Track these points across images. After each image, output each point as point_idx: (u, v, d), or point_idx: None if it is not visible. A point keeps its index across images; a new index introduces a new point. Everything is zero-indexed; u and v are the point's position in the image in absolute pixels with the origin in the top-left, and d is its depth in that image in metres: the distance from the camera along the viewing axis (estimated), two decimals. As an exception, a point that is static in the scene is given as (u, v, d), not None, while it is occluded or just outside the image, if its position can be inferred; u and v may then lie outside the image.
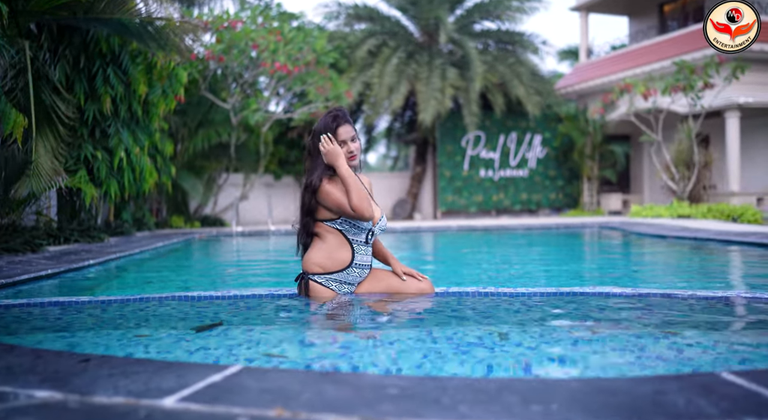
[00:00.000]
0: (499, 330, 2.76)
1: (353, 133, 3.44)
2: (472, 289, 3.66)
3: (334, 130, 3.40)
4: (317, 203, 3.40)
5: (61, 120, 7.23)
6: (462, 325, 2.92)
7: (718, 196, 15.91)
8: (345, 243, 3.46)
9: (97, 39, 8.57)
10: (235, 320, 3.12)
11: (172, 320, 3.15)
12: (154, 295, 3.66)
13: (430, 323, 2.97)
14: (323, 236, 3.46)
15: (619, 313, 3.16)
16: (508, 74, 17.51)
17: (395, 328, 2.86)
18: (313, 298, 3.42)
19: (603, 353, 2.34)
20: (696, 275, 5.29)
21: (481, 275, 5.51)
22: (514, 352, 2.38)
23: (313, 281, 3.44)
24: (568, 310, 3.21)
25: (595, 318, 3.06)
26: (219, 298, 3.64)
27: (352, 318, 3.13)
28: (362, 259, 3.51)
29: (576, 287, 3.65)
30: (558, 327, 2.82)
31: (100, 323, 3.09)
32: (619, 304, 3.32)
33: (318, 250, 3.46)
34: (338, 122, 3.42)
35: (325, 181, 3.37)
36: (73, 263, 5.68)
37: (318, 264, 3.45)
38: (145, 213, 12.25)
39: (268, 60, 13.53)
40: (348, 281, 3.49)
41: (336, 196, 3.34)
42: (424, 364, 2.18)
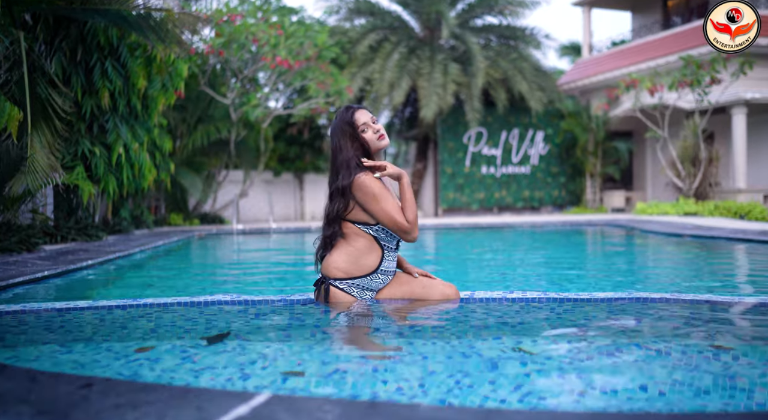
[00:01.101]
0: (530, 343, 2.53)
1: (371, 116, 3.22)
2: (498, 295, 3.43)
3: (351, 118, 3.17)
4: (356, 203, 3.12)
5: (57, 114, 6.96)
6: (490, 337, 2.69)
7: (723, 193, 15.70)
8: (375, 248, 3.20)
9: (94, 31, 8.28)
10: (247, 330, 2.88)
11: (178, 330, 2.91)
12: (158, 300, 3.42)
13: (456, 336, 2.74)
14: (350, 239, 3.20)
15: (661, 323, 2.92)
16: (510, 70, 17.27)
17: (421, 341, 2.62)
18: (332, 305, 3.18)
19: (650, 372, 2.11)
20: (728, 278, 5.07)
21: (498, 278, 5.28)
22: (549, 368, 2.16)
23: (335, 287, 3.19)
24: (604, 319, 2.98)
25: (636, 329, 2.82)
26: (228, 304, 3.40)
27: (374, 329, 2.88)
28: (389, 266, 3.27)
29: (610, 292, 3.41)
30: (594, 338, 2.59)
31: (101, 334, 2.84)
32: (660, 312, 3.09)
33: (342, 254, 3.20)
34: (352, 110, 3.20)
35: (368, 175, 3.10)
36: (71, 264, 5.43)
37: (341, 269, 3.19)
38: (144, 210, 11.99)
39: (269, 54, 13.27)
40: (371, 288, 3.25)
41: (388, 199, 3.08)
42: (454, 389, 1.96)
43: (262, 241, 10.75)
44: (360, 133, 3.17)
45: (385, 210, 3.07)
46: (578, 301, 3.33)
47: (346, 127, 3.18)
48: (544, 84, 17.84)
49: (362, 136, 3.17)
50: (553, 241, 9.64)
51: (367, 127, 3.18)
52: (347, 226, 3.18)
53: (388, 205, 3.09)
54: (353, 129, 3.17)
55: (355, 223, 3.17)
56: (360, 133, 3.17)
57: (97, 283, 5.06)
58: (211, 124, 13.90)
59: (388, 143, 3.22)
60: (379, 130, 3.19)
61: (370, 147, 3.19)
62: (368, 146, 3.18)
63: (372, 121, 3.20)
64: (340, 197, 3.15)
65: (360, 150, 3.17)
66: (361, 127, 3.17)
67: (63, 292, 4.50)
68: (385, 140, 3.20)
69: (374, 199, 3.08)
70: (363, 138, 3.17)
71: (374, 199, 3.08)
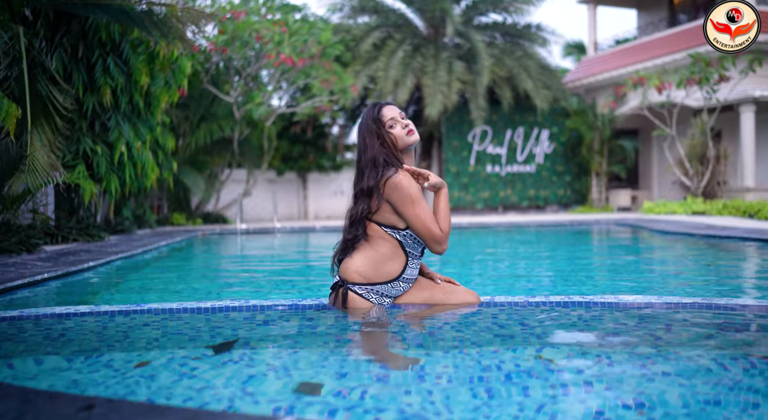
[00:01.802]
0: (555, 353, 2.37)
1: (399, 111, 3.05)
2: (521, 299, 3.26)
3: (378, 114, 3.00)
4: (389, 204, 2.93)
5: (58, 112, 6.79)
6: (512, 346, 2.53)
7: (731, 191, 15.53)
8: (399, 254, 3.02)
9: (96, 26, 8.11)
10: (256, 337, 2.72)
11: (183, 339, 2.74)
12: (162, 305, 3.26)
13: (477, 344, 2.58)
14: (374, 242, 3.01)
15: (695, 330, 2.76)
16: (515, 68, 17.11)
17: (440, 352, 2.46)
18: (349, 311, 3.01)
19: (687, 386, 1.95)
20: (755, 280, 4.90)
21: (513, 280, 5.11)
22: (575, 382, 2.00)
23: (354, 292, 3.01)
24: (634, 325, 2.81)
25: (668, 337, 2.66)
26: (235, 310, 3.24)
27: (391, 339, 2.71)
28: (411, 273, 3.09)
29: (638, 295, 3.25)
30: (624, 347, 2.43)
31: (103, 342, 2.68)
32: (693, 317, 2.93)
33: (364, 258, 3.01)
34: (379, 106, 3.04)
35: (405, 175, 2.91)
36: (72, 265, 5.27)
37: (362, 274, 3.01)
38: (146, 210, 11.84)
39: (273, 52, 13.10)
40: (390, 295, 3.09)
41: (424, 205, 2.91)
42: (480, 408, 1.81)
43: (267, 241, 10.58)
44: (388, 129, 3.00)
45: (420, 215, 2.90)
46: (605, 306, 3.16)
47: (372, 124, 3.01)
48: (549, 82, 17.67)
49: (390, 132, 2.99)
50: (564, 240, 9.48)
51: (395, 122, 3.01)
52: (372, 228, 3.00)
53: (424, 210, 2.91)
54: (380, 126, 2.99)
55: (381, 225, 2.99)
56: (388, 129, 3.00)
57: (99, 285, 4.91)
58: (214, 122, 13.74)
59: (417, 139, 3.05)
60: (408, 125, 3.02)
61: (398, 144, 3.01)
62: (396, 143, 3.01)
63: (400, 116, 3.03)
64: (366, 198, 2.98)
65: (388, 148, 2.99)
66: (388, 123, 3.00)
67: (63, 295, 4.34)
68: (414, 136, 3.02)
69: (411, 202, 2.89)
70: (391, 134, 2.99)
71: (411, 202, 2.89)
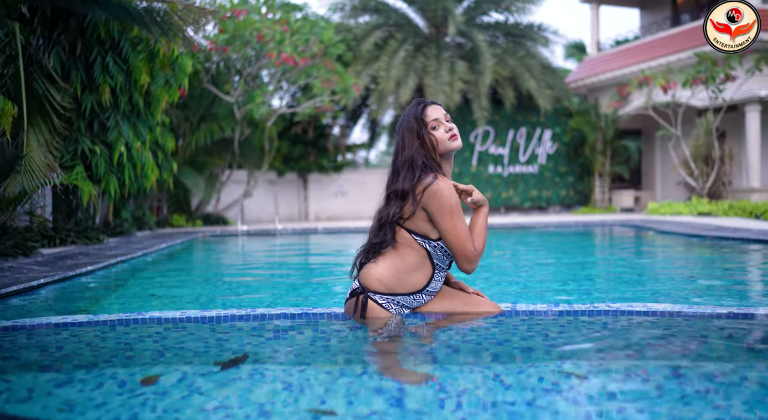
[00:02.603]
0: (578, 368, 2.20)
1: (444, 113, 2.85)
2: (542, 308, 3.09)
3: (421, 114, 2.81)
4: (424, 211, 2.73)
5: (55, 111, 6.61)
6: (534, 360, 2.36)
7: (737, 192, 15.37)
8: (426, 265, 2.82)
9: (95, 24, 7.92)
10: (265, 352, 2.54)
11: (187, 352, 2.57)
12: (165, 314, 3.08)
13: (497, 358, 2.41)
14: (401, 250, 2.81)
15: (735, 344, 2.59)
16: (518, 67, 16.95)
17: (457, 367, 2.28)
18: (367, 320, 2.82)
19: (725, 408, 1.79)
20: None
21: (528, 285, 4.94)
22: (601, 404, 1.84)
23: (374, 302, 2.82)
24: (666, 337, 2.64)
25: (703, 351, 2.49)
26: (242, 319, 3.07)
27: (408, 353, 2.54)
28: (435, 286, 2.90)
29: (667, 304, 3.07)
30: (656, 362, 2.27)
31: (101, 357, 2.51)
32: (729, 329, 2.75)
33: (389, 266, 2.81)
34: (423, 104, 2.84)
35: (446, 183, 2.72)
36: (69, 270, 5.09)
37: (384, 283, 2.82)
38: (146, 211, 11.65)
39: (274, 51, 12.93)
40: (412, 306, 2.92)
41: (462, 218, 2.74)
42: None
43: (269, 242, 10.41)
44: (430, 129, 2.80)
45: (457, 228, 2.71)
46: (632, 314, 2.99)
47: (414, 122, 2.81)
48: (552, 82, 17.52)
49: (432, 133, 2.80)
50: (572, 243, 9.30)
51: (438, 123, 2.82)
52: (401, 235, 2.80)
53: (461, 224, 2.73)
54: (422, 125, 2.80)
55: (412, 233, 2.79)
56: (430, 130, 2.80)
57: (98, 291, 4.73)
58: (215, 122, 13.56)
59: (460, 145, 2.85)
60: (452, 128, 2.83)
61: (438, 147, 2.81)
62: (437, 146, 2.81)
63: (445, 118, 2.84)
64: (399, 201, 2.79)
65: (427, 150, 2.80)
66: (431, 124, 2.81)
67: (60, 302, 4.16)
68: (457, 141, 2.83)
69: (450, 213, 2.71)
70: (432, 136, 2.80)
71: (450, 213, 2.71)
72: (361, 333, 2.76)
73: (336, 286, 4.89)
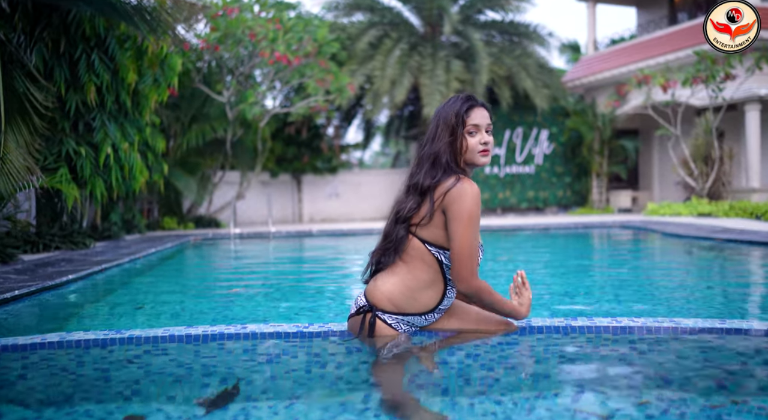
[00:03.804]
0: (602, 404, 1.93)
1: (489, 122, 2.57)
2: (561, 322, 2.82)
3: (465, 113, 2.52)
4: (443, 215, 2.47)
5: (36, 111, 6.30)
6: (552, 391, 2.09)
7: (737, 192, 15.16)
8: (439, 281, 2.55)
9: (79, 20, 7.60)
10: (257, 381, 2.27)
11: (170, 382, 2.29)
12: (146, 332, 2.80)
13: (510, 389, 2.15)
14: (412, 264, 2.53)
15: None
16: (514, 67, 16.72)
17: (467, 400, 2.02)
18: (374, 340, 2.54)
19: None
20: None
21: (536, 297, 4.67)
22: None
23: (382, 321, 2.55)
24: (700, 361, 2.38)
25: (741, 380, 2.23)
26: (231, 338, 2.79)
27: (415, 382, 2.27)
28: (447, 304, 2.64)
29: (698, 319, 2.80)
30: (692, 392, 2.01)
31: (74, 389, 2.22)
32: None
33: (400, 283, 2.54)
34: (472, 103, 2.54)
35: (473, 186, 2.46)
36: (48, 279, 4.79)
37: (394, 302, 2.54)
38: (136, 214, 11.34)
39: (267, 49, 12.64)
40: (422, 325, 2.65)
41: (477, 228, 2.47)
42: None
43: (262, 246, 10.12)
44: (466, 132, 2.53)
45: (466, 238, 2.43)
46: (660, 331, 2.72)
47: (453, 117, 2.52)
48: (549, 81, 17.30)
49: (466, 137, 2.53)
50: (572, 246, 9.05)
51: (477, 131, 2.54)
52: (413, 245, 2.53)
53: (473, 237, 2.45)
54: (460, 124, 2.52)
55: (426, 242, 2.51)
56: (466, 133, 2.53)
57: (79, 303, 4.43)
58: (207, 123, 13.26)
59: (487, 163, 2.59)
60: (488, 143, 2.55)
61: (465, 154, 2.54)
62: (465, 152, 2.53)
63: (487, 128, 2.56)
64: (417, 197, 2.52)
65: (454, 151, 2.53)
66: (470, 128, 2.53)
67: (35, 318, 3.86)
68: (486, 158, 2.56)
69: (468, 219, 2.43)
70: (466, 140, 2.52)
71: (468, 219, 2.43)
72: (363, 356, 2.48)
73: (334, 296, 4.62)
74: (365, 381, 2.26)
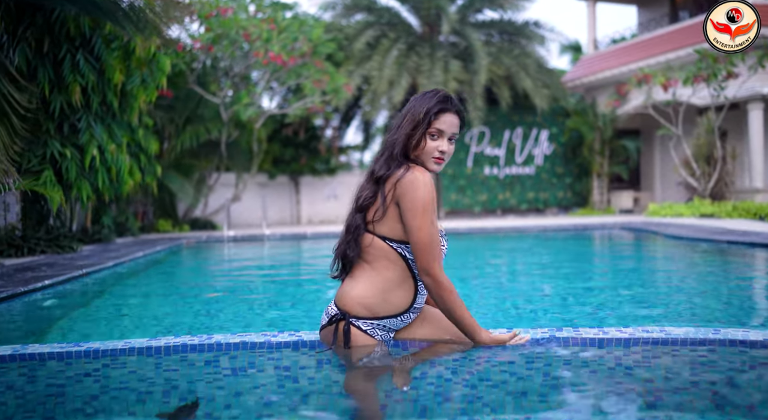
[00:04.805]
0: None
1: (455, 131, 2.43)
2: (545, 333, 2.64)
3: (436, 115, 2.38)
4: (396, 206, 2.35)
5: (15, 111, 6.14)
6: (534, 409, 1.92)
7: (740, 193, 14.96)
8: (408, 278, 2.41)
9: (63, 19, 7.45)
10: (219, 397, 2.11)
11: (129, 397, 2.13)
12: (105, 345, 2.63)
13: (493, 408, 1.98)
14: (378, 264, 2.39)
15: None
16: (513, 66, 16.54)
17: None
18: (349, 352, 2.37)
19: None
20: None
21: (538, 301, 4.50)
22: None
23: (358, 329, 2.39)
24: (692, 373, 2.21)
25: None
26: (194, 349, 2.62)
27: (391, 401, 2.10)
28: (421, 301, 2.49)
29: (690, 329, 2.62)
30: (688, 409, 1.84)
31: (26, 406, 2.06)
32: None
33: (370, 285, 2.39)
34: (445, 107, 2.39)
35: (425, 175, 2.34)
36: (23, 285, 4.63)
37: (367, 306, 2.38)
38: (129, 217, 11.18)
39: (261, 49, 12.48)
40: (398, 327, 2.48)
41: (434, 217, 2.33)
42: None
43: (255, 249, 9.96)
44: (428, 133, 2.39)
45: (424, 230, 2.29)
46: (648, 342, 2.54)
47: (423, 114, 2.38)
48: (548, 81, 17.12)
49: (426, 137, 2.39)
50: (573, 249, 8.87)
51: (439, 136, 2.40)
52: (375, 245, 2.38)
53: (431, 226, 2.31)
54: (426, 123, 2.38)
55: (386, 239, 2.38)
56: (427, 133, 2.39)
57: (51, 311, 4.26)
58: (201, 124, 13.10)
59: (437, 171, 2.45)
60: (445, 152, 2.41)
61: (420, 154, 2.40)
62: (420, 152, 2.40)
63: (450, 136, 2.42)
64: (373, 185, 2.41)
65: (410, 146, 2.40)
66: (433, 130, 2.40)
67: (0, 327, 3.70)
68: (438, 167, 2.43)
69: (422, 210, 2.30)
70: (425, 140, 2.39)
71: (422, 210, 2.30)
72: (336, 372, 2.32)
73: (327, 302, 4.45)
74: (339, 396, 2.11)
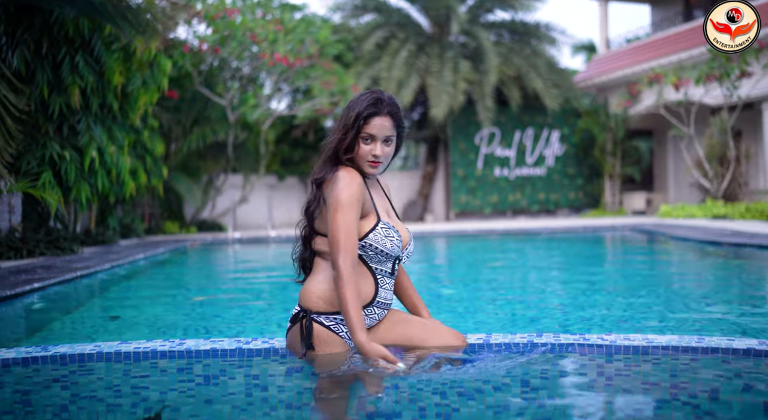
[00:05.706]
0: None
1: (389, 134, 2.33)
2: (523, 338, 2.54)
3: (366, 120, 2.29)
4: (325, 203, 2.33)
5: (10, 113, 6.11)
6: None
7: (754, 194, 14.72)
8: (365, 273, 2.35)
9: (62, 21, 7.43)
10: (186, 409, 2.03)
11: (98, 407, 2.05)
12: (73, 348, 2.56)
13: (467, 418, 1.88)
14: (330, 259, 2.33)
15: None
16: (524, 67, 16.39)
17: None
18: (316, 351, 2.29)
19: None
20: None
21: (542, 303, 4.39)
22: None
23: (319, 324, 2.31)
24: (673, 383, 2.10)
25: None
26: (164, 356, 2.55)
27: (360, 409, 2.02)
28: (386, 296, 2.42)
29: (673, 337, 2.50)
30: None
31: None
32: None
33: (325, 277, 2.35)
34: (375, 110, 2.30)
35: (350, 173, 2.28)
36: (12, 288, 4.58)
37: (325, 299, 2.32)
38: (135, 219, 11.17)
39: (267, 51, 12.44)
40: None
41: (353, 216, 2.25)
42: None
43: (259, 251, 9.91)
44: (360, 137, 2.32)
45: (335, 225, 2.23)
46: (629, 350, 2.43)
47: (353, 118, 2.30)
48: (559, 81, 16.95)
49: (359, 142, 2.32)
50: (583, 251, 8.73)
51: (372, 140, 2.32)
52: (324, 243, 2.36)
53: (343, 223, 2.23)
54: (357, 127, 2.30)
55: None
56: (359, 137, 2.32)
57: (38, 314, 4.22)
58: (208, 126, 13.08)
59: (375, 174, 2.38)
60: (379, 157, 2.33)
61: (355, 159, 2.34)
62: (355, 156, 2.33)
63: (384, 139, 2.33)
64: (315, 189, 2.37)
65: (342, 151, 2.33)
66: (364, 135, 2.32)
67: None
68: (375, 170, 2.35)
69: (335, 205, 2.25)
70: (357, 144, 2.32)
71: (335, 205, 2.25)
72: (304, 381, 2.24)
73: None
74: (306, 406, 2.03)
